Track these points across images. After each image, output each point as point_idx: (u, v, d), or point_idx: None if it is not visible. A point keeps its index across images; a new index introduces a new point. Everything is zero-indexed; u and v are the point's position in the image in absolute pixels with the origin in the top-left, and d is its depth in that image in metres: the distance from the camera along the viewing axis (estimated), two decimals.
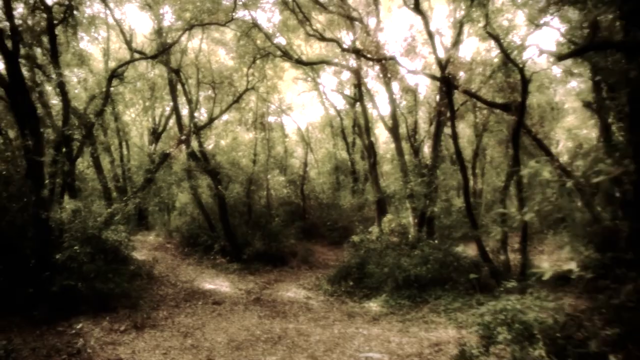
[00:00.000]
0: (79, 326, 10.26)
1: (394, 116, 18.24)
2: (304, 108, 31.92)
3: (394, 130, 18.40)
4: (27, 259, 12.45)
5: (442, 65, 13.81)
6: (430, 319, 10.77)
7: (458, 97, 16.44)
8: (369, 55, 15.22)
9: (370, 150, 20.01)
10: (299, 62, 18.91)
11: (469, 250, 16.38)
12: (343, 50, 16.53)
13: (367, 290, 13.76)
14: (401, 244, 16.09)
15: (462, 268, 13.43)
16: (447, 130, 18.81)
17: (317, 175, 29.65)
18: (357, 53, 15.74)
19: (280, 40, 19.86)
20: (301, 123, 33.38)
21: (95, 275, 11.36)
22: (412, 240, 16.04)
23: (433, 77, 14.93)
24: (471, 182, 21.81)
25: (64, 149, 14.87)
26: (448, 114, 17.12)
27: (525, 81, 12.47)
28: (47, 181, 13.82)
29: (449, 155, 23.02)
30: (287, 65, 24.68)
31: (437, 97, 18.91)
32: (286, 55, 17.33)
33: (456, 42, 15.19)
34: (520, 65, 12.52)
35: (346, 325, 10.91)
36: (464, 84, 14.49)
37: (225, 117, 21.94)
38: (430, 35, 13.43)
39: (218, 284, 15.36)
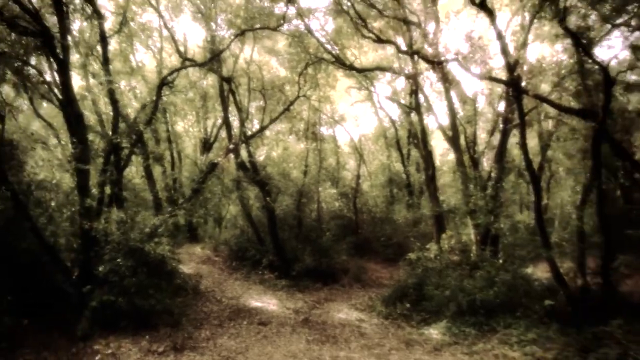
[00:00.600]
0: (116, 345, 9.66)
1: (453, 125, 16.94)
2: (357, 119, 30.97)
3: (453, 140, 17.09)
4: (69, 272, 12.12)
5: (511, 67, 12.50)
6: (502, 352, 9.40)
7: (526, 104, 14.99)
8: (428, 57, 14.09)
9: (428, 161, 18.75)
10: (352, 69, 18.04)
11: (539, 272, 14.81)
12: (400, 52, 15.51)
13: (426, 314, 12.49)
14: (462, 263, 14.72)
15: (534, 293, 11.98)
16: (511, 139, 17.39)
17: (370, 188, 28.51)
18: (416, 55, 14.65)
19: (333, 49, 19.12)
20: (354, 134, 32.49)
21: (136, 290, 10.76)
22: (475, 260, 14.62)
23: (500, 81, 13.59)
24: None
25: (112, 158, 14.60)
26: (514, 122, 15.77)
27: (610, 82, 10.96)
28: (93, 190, 13.57)
29: (512, 167, 21.35)
30: (339, 74, 23.93)
31: (500, 105, 17.57)
32: (338, 60, 16.46)
33: (524, 43, 13.80)
34: (604, 65, 11.05)
35: (404, 355, 9.73)
36: (534, 89, 13.11)
37: (276, 128, 21.36)
38: (499, 34, 12.16)
39: (265, 301, 14.52)
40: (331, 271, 17.82)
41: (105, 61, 14.94)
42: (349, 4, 15.20)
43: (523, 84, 12.73)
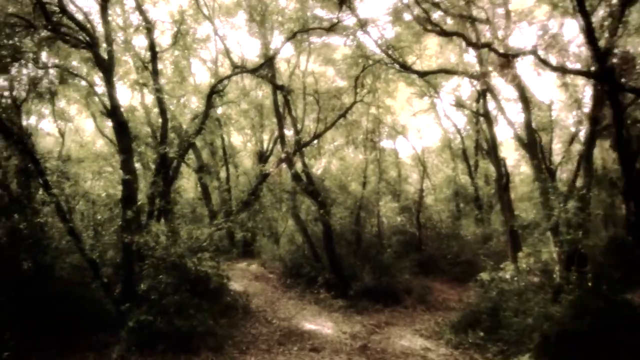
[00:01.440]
0: None
1: (529, 129, 15.07)
2: (419, 131, 29.39)
3: (530, 146, 15.23)
4: (110, 288, 11.47)
5: (600, 57, 10.73)
6: None
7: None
8: (500, 51, 12.51)
9: (500, 170, 16.90)
10: (414, 72, 16.65)
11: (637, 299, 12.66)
12: (469, 44, 13.94)
13: (504, 345, 10.74)
14: (544, 286, 12.83)
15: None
16: None
17: (435, 202, 26.70)
18: (487, 47, 13.08)
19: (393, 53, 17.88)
20: (416, 146, 30.85)
21: (176, 310, 9.87)
22: (559, 282, 12.66)
23: (588, 75, 11.78)
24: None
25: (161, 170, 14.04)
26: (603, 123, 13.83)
27: None
28: (141, 202, 12.99)
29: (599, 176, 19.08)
30: (400, 84, 22.67)
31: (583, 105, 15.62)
32: (398, 63, 15.17)
33: (615, 30, 11.89)
34: None
35: None
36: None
37: (334, 139, 20.28)
38: (585, 13, 10.39)
39: (319, 323, 13.26)
40: (392, 291, 16.30)
41: (155, 71, 14.50)
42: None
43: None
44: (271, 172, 13.74)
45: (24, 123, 15.57)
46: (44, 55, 13.93)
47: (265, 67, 15.84)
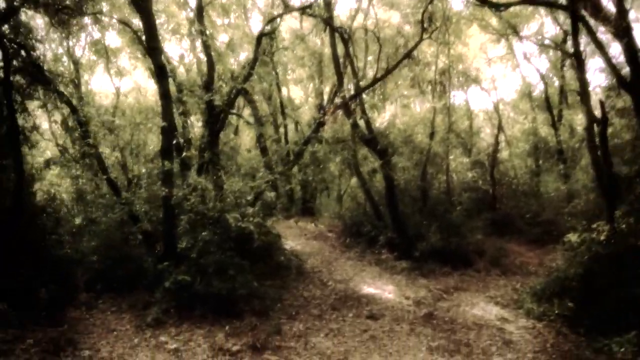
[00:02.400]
0: (186, 337, 7.85)
1: (635, 63, 12.51)
2: (494, 81, 26.64)
3: (634, 84, 12.70)
4: (152, 245, 10.72)
5: None
6: None
7: None
8: None
9: (591, 116, 14.39)
10: (492, 5, 14.31)
11: None
12: None
13: (600, 319, 8.96)
14: None
15: None
16: None
17: (510, 157, 24.26)
18: None
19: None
20: (490, 96, 28.22)
21: (216, 270, 8.87)
22: None
23: None
24: None
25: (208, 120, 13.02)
26: None
27: None
28: (184, 154, 12.07)
29: None
30: (473, 30, 20.25)
31: None
32: None
33: None
34: None
35: None
36: None
37: (398, 90, 18.34)
38: None
39: (379, 287, 11.96)
40: (462, 253, 14.64)
41: (199, 11, 13.30)
42: None
43: None
44: (326, 119, 12.28)
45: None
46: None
47: (323, 9, 14.16)
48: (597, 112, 12.51)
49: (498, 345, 8.14)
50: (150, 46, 10.88)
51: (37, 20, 15.53)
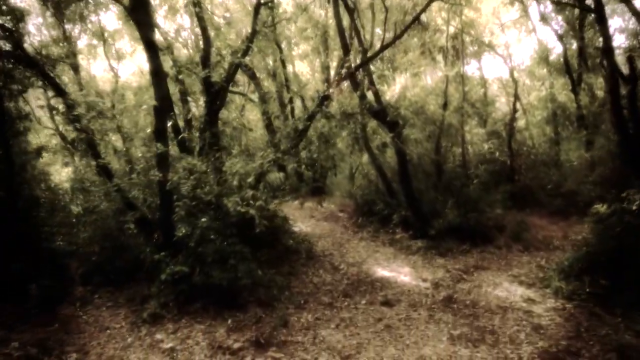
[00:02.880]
0: (185, 334, 7.22)
1: None
2: (507, 48, 25.38)
3: None
4: (150, 234, 10.07)
5: None
6: None
7: None
8: None
9: (614, 77, 13.32)
10: None
11: None
12: None
13: (637, 297, 8.16)
14: None
15: None
16: None
17: (528, 126, 23.17)
18: None
19: None
20: (504, 66, 27.02)
21: (215, 260, 8.20)
22: None
23: None
24: None
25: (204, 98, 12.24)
26: None
27: None
28: (182, 135, 11.33)
29: None
30: None
31: None
32: None
33: None
34: None
35: None
36: None
37: (407, 57, 17.23)
38: None
39: (394, 269, 11.24)
40: (481, 229, 13.81)
41: None
42: None
43: None
44: (331, 92, 11.42)
45: None
46: None
47: None
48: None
49: (526, 331, 7.37)
50: (138, 19, 10.05)
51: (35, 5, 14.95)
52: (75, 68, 18.54)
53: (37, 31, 17.91)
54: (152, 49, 9.95)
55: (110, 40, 19.63)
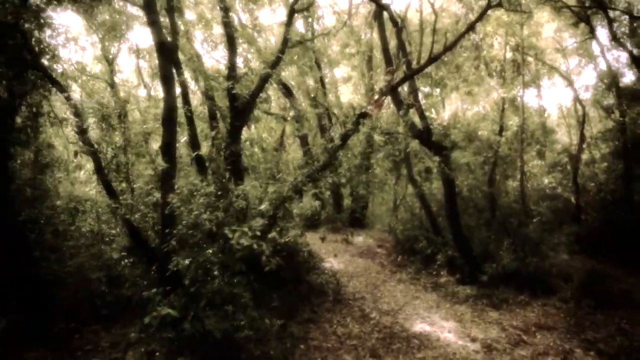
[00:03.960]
0: None
1: None
2: (570, 74, 23.16)
3: None
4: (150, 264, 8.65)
5: None
6: None
7: None
8: None
9: None
10: None
11: None
12: None
13: None
14: None
15: None
16: None
17: (593, 160, 20.65)
18: None
19: None
20: (565, 94, 24.80)
21: (212, 303, 6.60)
22: None
23: None
24: None
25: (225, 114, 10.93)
26: None
27: None
28: (197, 152, 9.99)
29: None
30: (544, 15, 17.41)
31: None
32: None
33: None
34: None
35: None
36: None
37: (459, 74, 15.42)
38: None
39: (436, 322, 9.30)
40: (543, 277, 11.68)
41: None
42: None
43: None
44: (370, 109, 9.84)
45: None
46: None
47: None
48: None
49: None
50: (149, 20, 8.89)
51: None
52: (112, 84, 17.98)
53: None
54: (163, 52, 8.75)
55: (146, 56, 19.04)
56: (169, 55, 8.87)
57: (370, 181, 11.70)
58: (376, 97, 10.18)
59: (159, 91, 19.09)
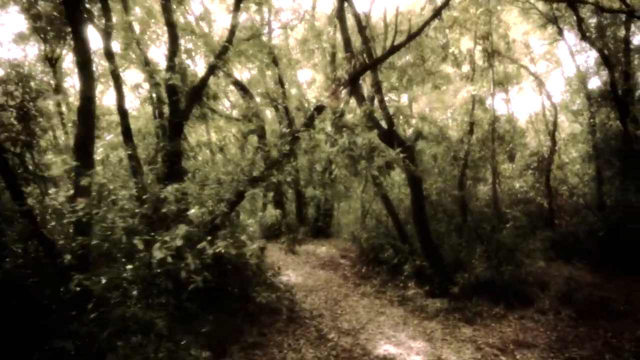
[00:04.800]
0: None
1: None
2: (538, 77, 22.65)
3: None
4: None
5: None
6: None
7: None
8: None
9: None
10: None
11: None
12: None
13: None
14: None
15: None
16: None
17: (564, 163, 20.02)
18: None
19: None
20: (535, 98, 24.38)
21: (119, 331, 5.27)
22: None
23: None
24: None
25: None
26: None
27: None
28: (130, 151, 8.66)
29: None
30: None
31: None
32: None
33: None
34: None
35: None
36: None
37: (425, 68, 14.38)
38: None
39: (403, 342, 8.12)
40: (519, 286, 10.70)
41: None
42: None
43: None
44: (326, 103, 8.70)
45: None
46: None
47: None
48: None
49: None
50: None
51: None
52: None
53: None
54: (78, 34, 7.40)
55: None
56: (85, 39, 7.51)
57: (327, 183, 10.54)
58: (333, 89, 9.06)
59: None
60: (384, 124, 10.54)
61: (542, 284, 11.38)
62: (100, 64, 14.54)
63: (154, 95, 11.18)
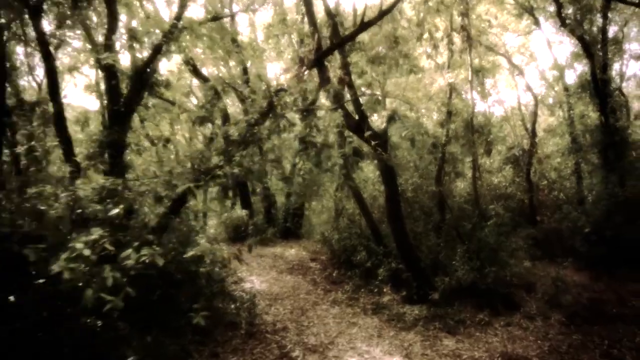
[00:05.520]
0: None
1: None
2: (514, 68, 21.99)
3: None
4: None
5: None
6: None
7: None
8: None
9: None
10: None
11: None
12: None
13: None
14: None
15: None
16: None
17: (543, 157, 19.34)
18: None
19: None
20: (513, 91, 23.72)
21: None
22: None
23: None
24: None
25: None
26: None
27: None
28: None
29: None
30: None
31: None
32: None
33: None
34: None
35: None
36: None
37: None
38: None
39: (377, 357, 7.09)
40: (504, 289, 9.79)
41: None
42: None
43: None
44: (286, 85, 7.61)
45: None
46: None
47: None
48: None
49: None
50: None
51: None
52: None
53: None
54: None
55: None
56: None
57: (290, 178, 9.42)
58: (296, 70, 7.94)
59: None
60: (353, 111, 9.57)
61: (528, 285, 10.55)
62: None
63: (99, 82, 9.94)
